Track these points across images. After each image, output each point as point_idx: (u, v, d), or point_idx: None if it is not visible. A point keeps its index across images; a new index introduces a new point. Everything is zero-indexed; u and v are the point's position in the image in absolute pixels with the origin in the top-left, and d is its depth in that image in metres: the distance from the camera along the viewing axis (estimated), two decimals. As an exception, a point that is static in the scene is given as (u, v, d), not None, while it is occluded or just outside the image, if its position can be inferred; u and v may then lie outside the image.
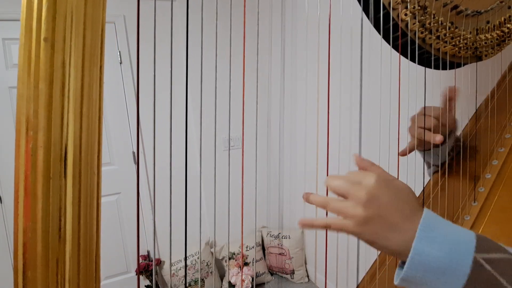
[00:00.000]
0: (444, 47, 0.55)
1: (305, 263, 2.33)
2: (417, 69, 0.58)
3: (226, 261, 2.27)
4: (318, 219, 0.39)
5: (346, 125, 1.73)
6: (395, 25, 0.51)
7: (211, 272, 2.20)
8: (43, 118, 0.25)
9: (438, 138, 0.55)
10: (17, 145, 0.25)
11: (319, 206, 0.40)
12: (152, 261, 2.17)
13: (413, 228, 0.34)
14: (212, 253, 2.26)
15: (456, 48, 0.56)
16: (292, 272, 2.27)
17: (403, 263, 0.35)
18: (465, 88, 0.63)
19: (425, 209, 0.36)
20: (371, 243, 0.37)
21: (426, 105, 0.59)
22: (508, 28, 0.60)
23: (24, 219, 0.25)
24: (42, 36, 0.24)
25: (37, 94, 0.25)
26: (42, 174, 0.25)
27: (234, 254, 2.23)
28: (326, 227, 0.39)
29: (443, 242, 0.33)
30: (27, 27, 0.25)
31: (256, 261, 2.27)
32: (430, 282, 0.33)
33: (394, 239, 0.35)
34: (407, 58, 0.54)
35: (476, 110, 0.69)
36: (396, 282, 0.37)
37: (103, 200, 0.29)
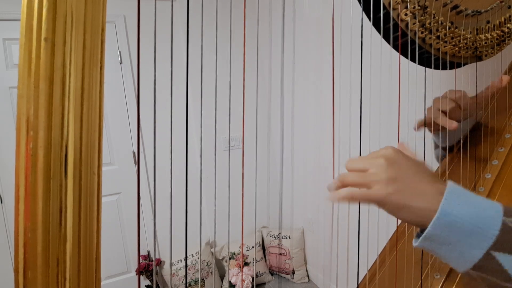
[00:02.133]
0: (444, 47, 0.55)
1: (305, 263, 2.33)
2: (417, 69, 0.58)
3: (226, 261, 2.27)
4: (342, 190, 0.38)
5: (346, 125, 1.73)
6: (395, 25, 0.51)
7: (211, 272, 2.20)
8: (44, 118, 0.25)
9: (454, 125, 0.54)
10: (17, 145, 0.25)
11: (338, 186, 0.39)
12: (152, 261, 2.17)
13: (438, 192, 0.34)
14: (212, 253, 2.26)
15: (456, 48, 0.56)
16: (292, 272, 2.27)
17: (422, 232, 0.35)
18: (465, 88, 0.63)
19: (449, 180, 0.36)
20: (397, 208, 0.36)
21: (425, 103, 0.59)
22: (508, 28, 0.60)
23: (25, 219, 0.25)
24: (43, 36, 0.24)
25: (38, 94, 0.25)
26: (43, 174, 0.25)
27: (234, 254, 2.23)
28: (350, 198, 0.38)
29: (471, 205, 0.33)
30: (27, 27, 0.25)
31: (256, 261, 2.27)
32: (454, 242, 0.33)
33: (419, 203, 0.35)
34: (407, 58, 0.54)
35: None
36: (415, 244, 0.36)
37: (103, 200, 0.30)
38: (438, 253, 0.35)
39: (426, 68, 0.59)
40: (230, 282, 2.15)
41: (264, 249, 2.39)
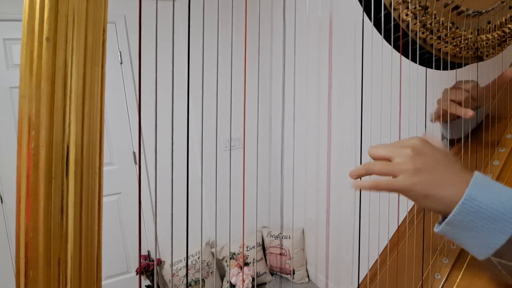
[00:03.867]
0: (445, 47, 0.55)
1: (306, 263, 2.33)
2: (417, 70, 0.58)
3: (226, 261, 2.27)
4: (367, 181, 0.39)
5: (347, 125, 1.73)
6: (396, 26, 0.51)
7: (211, 272, 2.20)
8: (45, 118, 0.25)
9: (470, 113, 0.54)
10: (19, 144, 0.25)
11: (362, 173, 0.39)
12: (152, 261, 2.17)
13: (464, 181, 0.35)
14: (212, 253, 2.26)
15: (457, 49, 0.56)
16: (293, 272, 2.27)
17: (444, 219, 0.36)
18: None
19: (475, 171, 0.37)
20: (422, 197, 0.36)
21: (426, 104, 0.59)
22: (509, 28, 0.60)
23: (26, 219, 0.25)
24: (44, 36, 0.25)
25: (39, 93, 0.25)
26: (44, 174, 0.25)
27: (234, 254, 2.23)
28: (375, 188, 0.38)
29: (496, 193, 0.34)
30: (29, 27, 0.25)
31: (256, 261, 2.27)
32: (477, 228, 0.34)
33: (445, 192, 0.35)
34: (408, 58, 0.54)
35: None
36: (437, 229, 0.37)
37: (103, 200, 0.30)
38: (459, 239, 0.36)
39: (427, 69, 0.59)
40: (230, 282, 2.15)
41: (264, 249, 2.39)
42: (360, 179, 0.40)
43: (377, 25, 0.52)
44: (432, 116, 0.63)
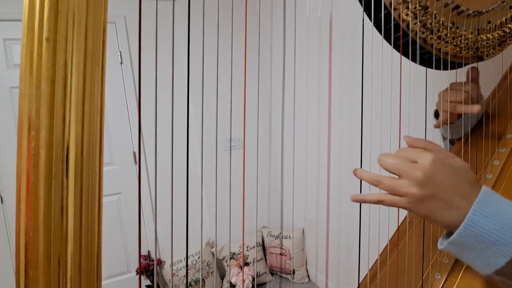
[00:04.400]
0: (445, 47, 0.55)
1: (306, 263, 2.33)
2: (418, 69, 0.58)
3: (226, 261, 2.27)
4: (371, 195, 0.40)
5: (347, 125, 1.73)
6: (396, 25, 0.51)
7: (211, 272, 2.20)
8: (45, 118, 0.25)
9: (476, 108, 0.55)
10: (19, 144, 0.25)
11: (369, 182, 0.40)
12: (152, 261, 2.17)
13: (469, 205, 0.35)
14: (212, 253, 2.26)
15: (457, 48, 0.56)
16: (293, 272, 2.27)
17: (450, 233, 0.36)
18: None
19: (483, 186, 0.37)
20: (424, 217, 0.38)
21: (426, 103, 0.59)
22: (509, 28, 0.60)
23: (26, 219, 0.25)
24: (44, 36, 0.25)
25: (39, 94, 0.25)
26: (44, 174, 0.25)
27: (234, 254, 2.23)
28: (379, 203, 0.39)
29: (499, 217, 0.34)
30: (29, 27, 0.25)
31: (256, 261, 2.27)
32: (478, 250, 0.34)
33: (449, 216, 0.36)
34: (408, 58, 0.54)
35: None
36: (441, 246, 0.38)
37: (103, 200, 0.30)
38: (462, 257, 0.37)
39: (427, 69, 0.59)
40: (230, 282, 2.16)
41: (264, 249, 2.39)
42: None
43: (377, 25, 0.52)
44: (436, 124, 0.63)
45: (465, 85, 0.59)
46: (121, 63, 2.11)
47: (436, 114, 0.65)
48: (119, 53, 2.10)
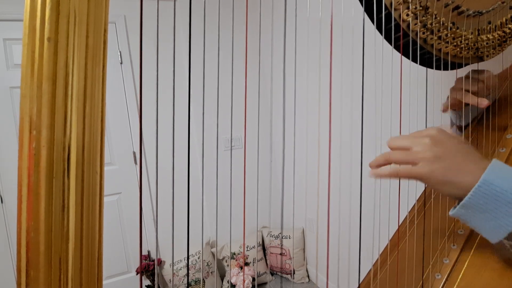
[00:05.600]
0: (446, 47, 0.55)
1: (306, 263, 2.33)
2: (418, 70, 0.58)
3: (226, 261, 2.27)
4: (385, 169, 0.40)
5: (348, 125, 1.73)
6: (397, 26, 0.52)
7: (211, 272, 2.20)
8: (46, 118, 0.25)
9: (485, 103, 0.56)
10: (20, 144, 0.25)
11: (381, 162, 0.40)
12: (152, 261, 2.17)
13: (482, 168, 0.36)
14: (212, 253, 2.26)
15: (458, 49, 0.57)
16: (293, 272, 2.28)
17: (459, 203, 0.37)
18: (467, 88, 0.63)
19: (494, 158, 0.38)
20: (441, 183, 0.37)
21: (427, 104, 0.59)
22: (509, 28, 0.60)
23: (27, 219, 0.25)
24: (46, 36, 0.25)
25: (40, 93, 0.25)
26: (45, 174, 0.25)
27: (234, 254, 2.23)
28: (394, 175, 0.39)
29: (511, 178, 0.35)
30: (30, 27, 0.25)
31: (256, 261, 2.27)
32: (491, 211, 0.35)
33: (463, 178, 0.36)
34: (408, 58, 0.54)
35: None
36: (452, 212, 0.38)
37: (104, 200, 0.30)
38: (473, 221, 0.37)
39: (427, 69, 0.59)
40: (230, 282, 2.16)
41: (264, 249, 2.39)
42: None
43: (377, 25, 0.52)
44: (442, 106, 0.64)
45: (480, 74, 0.60)
46: (121, 63, 2.11)
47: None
48: (119, 53, 2.10)
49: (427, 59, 0.58)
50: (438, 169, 0.37)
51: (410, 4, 0.50)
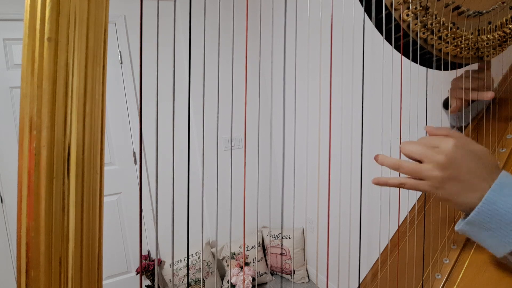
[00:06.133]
0: (446, 47, 0.55)
1: (306, 263, 2.33)
2: (418, 70, 0.58)
3: (226, 261, 2.27)
4: (392, 178, 0.40)
5: (348, 125, 1.73)
6: (397, 26, 0.51)
7: (211, 272, 2.20)
8: (47, 118, 0.25)
9: (490, 94, 0.57)
10: (20, 144, 0.25)
11: (390, 167, 0.41)
12: (152, 261, 2.17)
13: (489, 185, 0.36)
14: (212, 253, 2.26)
15: (458, 49, 0.56)
16: (293, 272, 2.28)
17: (466, 216, 0.37)
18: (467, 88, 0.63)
19: (503, 170, 0.38)
20: (444, 200, 0.39)
21: (427, 103, 0.59)
22: (509, 28, 0.60)
23: (27, 219, 0.25)
24: (46, 36, 0.25)
25: (41, 93, 0.25)
26: (45, 174, 0.25)
27: (234, 254, 2.23)
28: (400, 186, 0.40)
29: None
30: (30, 27, 0.25)
31: (257, 261, 2.27)
32: (494, 229, 0.35)
33: (469, 198, 0.37)
34: (408, 58, 0.54)
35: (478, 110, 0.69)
36: (458, 227, 0.39)
37: (104, 200, 0.30)
38: (478, 237, 0.38)
39: (428, 69, 0.59)
40: (230, 282, 2.16)
41: (264, 249, 2.39)
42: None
43: (378, 25, 0.52)
44: (451, 107, 0.64)
45: (479, 72, 0.60)
46: (121, 63, 2.11)
47: (445, 104, 0.66)
48: (119, 53, 2.10)
49: (427, 59, 0.58)
50: (443, 190, 0.38)
51: (410, 4, 0.50)
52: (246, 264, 2.23)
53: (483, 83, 0.59)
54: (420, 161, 0.39)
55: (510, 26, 0.61)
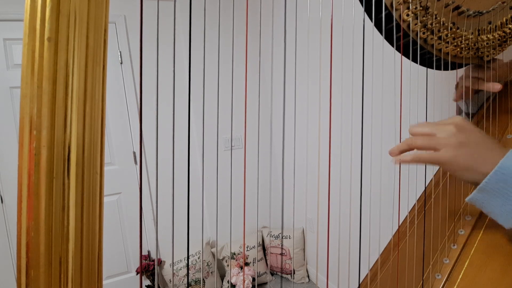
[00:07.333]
0: (446, 47, 0.55)
1: (306, 263, 2.33)
2: (418, 70, 0.58)
3: (226, 261, 2.27)
4: (408, 154, 0.41)
5: (348, 125, 1.73)
6: (397, 26, 0.51)
7: (211, 272, 2.20)
8: (47, 118, 0.25)
9: (498, 86, 0.57)
10: (20, 144, 0.25)
11: (405, 147, 0.41)
12: (152, 261, 2.17)
13: (503, 155, 0.37)
14: (213, 253, 2.26)
15: (458, 49, 0.56)
16: (293, 272, 2.28)
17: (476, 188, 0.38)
18: (467, 88, 0.63)
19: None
20: (463, 169, 0.38)
21: (427, 103, 0.59)
22: (509, 28, 0.60)
23: (27, 219, 0.25)
24: (46, 36, 0.25)
25: (41, 93, 0.25)
26: (45, 174, 0.25)
27: (235, 254, 2.23)
28: (416, 161, 0.40)
29: None
30: (30, 27, 0.25)
31: (257, 261, 2.27)
32: (507, 195, 0.36)
33: (485, 162, 0.38)
34: (408, 58, 0.54)
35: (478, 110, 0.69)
36: (469, 197, 0.39)
37: (104, 200, 0.30)
38: (489, 206, 0.38)
39: (428, 69, 0.59)
40: (230, 282, 2.16)
41: (264, 249, 2.39)
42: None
43: (378, 25, 0.52)
44: (454, 95, 0.65)
45: (496, 61, 0.61)
46: (121, 63, 2.11)
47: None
48: (119, 53, 2.10)
49: (427, 59, 0.58)
50: (461, 155, 0.38)
51: (410, 4, 0.50)
52: (246, 264, 2.23)
53: (494, 73, 0.60)
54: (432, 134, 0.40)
55: (510, 26, 0.61)
